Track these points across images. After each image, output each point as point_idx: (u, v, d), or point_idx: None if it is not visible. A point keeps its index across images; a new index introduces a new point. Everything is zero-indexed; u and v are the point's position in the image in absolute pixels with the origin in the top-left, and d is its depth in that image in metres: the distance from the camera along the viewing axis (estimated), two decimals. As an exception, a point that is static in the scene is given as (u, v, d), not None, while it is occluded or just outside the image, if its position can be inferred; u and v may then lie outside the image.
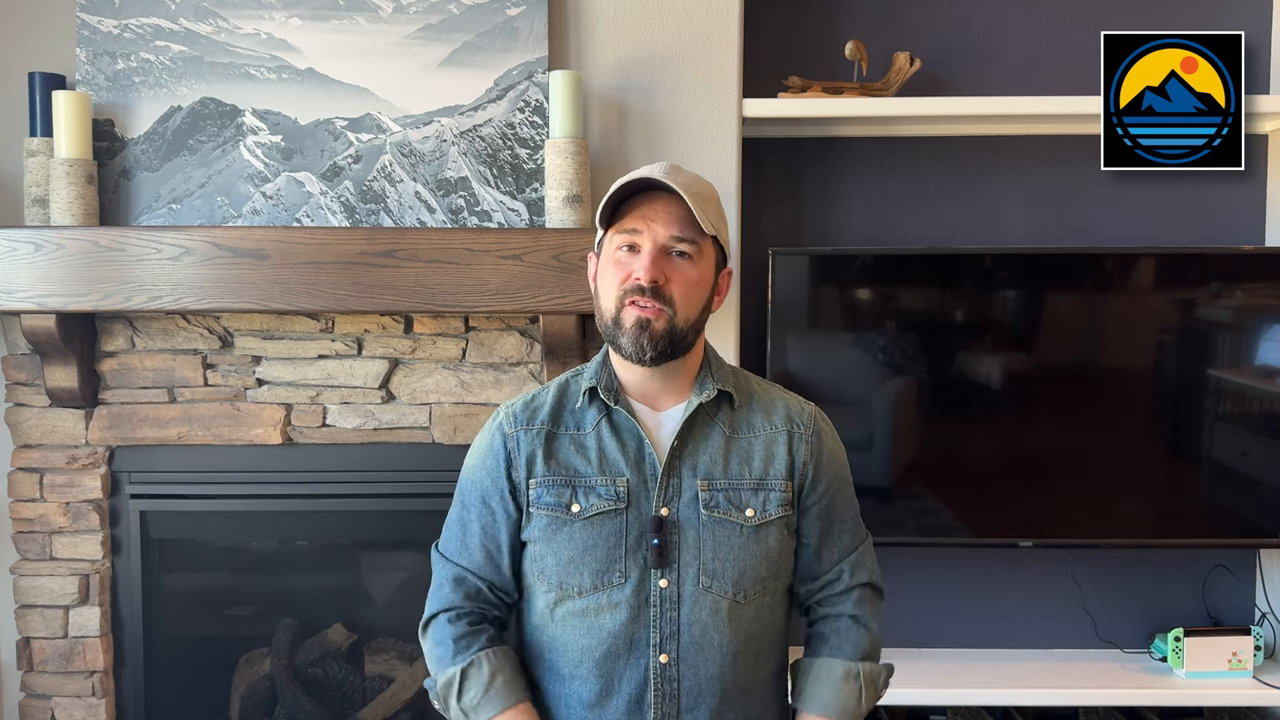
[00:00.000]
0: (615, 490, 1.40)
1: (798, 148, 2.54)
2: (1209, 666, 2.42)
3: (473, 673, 1.40)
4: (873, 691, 1.46)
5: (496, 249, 2.17)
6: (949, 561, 2.59)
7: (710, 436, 1.43)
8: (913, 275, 2.47)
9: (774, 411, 1.48)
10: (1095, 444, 2.44)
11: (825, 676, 1.46)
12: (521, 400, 1.49)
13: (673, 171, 1.39)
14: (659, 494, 1.40)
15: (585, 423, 1.44)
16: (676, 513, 1.40)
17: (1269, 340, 2.41)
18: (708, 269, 1.42)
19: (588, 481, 1.41)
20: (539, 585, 1.43)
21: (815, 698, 1.45)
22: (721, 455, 1.42)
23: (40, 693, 2.39)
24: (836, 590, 1.49)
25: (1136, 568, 2.59)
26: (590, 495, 1.40)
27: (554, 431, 1.44)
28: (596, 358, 1.48)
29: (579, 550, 1.39)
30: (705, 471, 1.41)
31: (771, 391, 1.52)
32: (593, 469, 1.41)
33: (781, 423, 1.47)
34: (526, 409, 1.47)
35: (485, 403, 2.36)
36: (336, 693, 2.54)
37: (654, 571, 1.38)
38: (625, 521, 1.39)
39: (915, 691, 2.37)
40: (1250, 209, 2.53)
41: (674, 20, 2.30)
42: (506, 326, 2.36)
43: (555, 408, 1.46)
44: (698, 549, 1.39)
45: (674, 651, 1.38)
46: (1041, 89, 2.46)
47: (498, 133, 2.29)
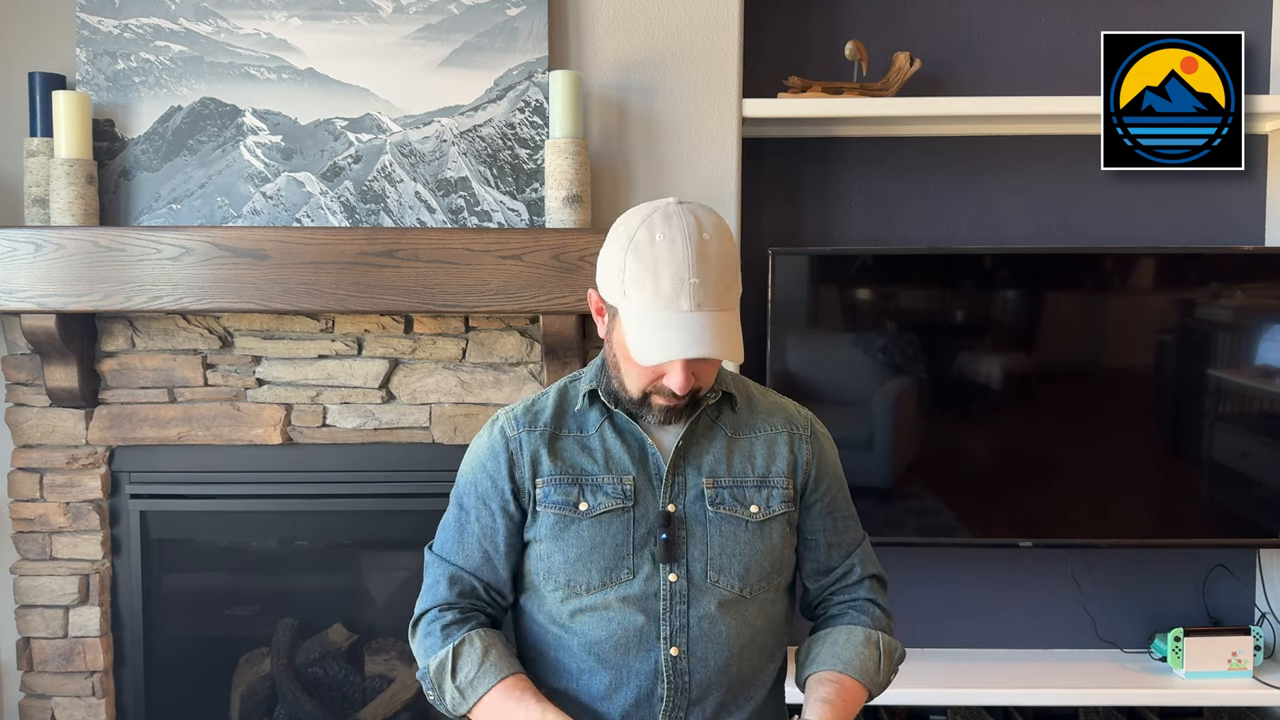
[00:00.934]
0: (622, 488, 1.40)
1: (798, 148, 2.54)
2: (1209, 666, 2.42)
3: (465, 650, 1.39)
4: (889, 664, 1.46)
5: (496, 249, 2.17)
6: (949, 561, 2.59)
7: (713, 437, 1.44)
8: (913, 275, 2.47)
9: (773, 414, 1.50)
10: (1095, 444, 2.44)
11: (846, 640, 1.46)
12: (521, 405, 1.49)
13: (701, 290, 1.29)
14: (665, 491, 1.40)
15: (588, 425, 1.44)
16: (683, 509, 1.41)
17: (1269, 340, 2.42)
18: None
19: (594, 480, 1.41)
20: (546, 584, 1.43)
21: (834, 656, 1.44)
22: (725, 454, 1.44)
23: (40, 693, 2.39)
24: (850, 581, 1.52)
25: (1136, 568, 2.59)
26: (598, 493, 1.40)
27: (557, 434, 1.44)
28: (595, 361, 1.48)
29: (587, 548, 1.39)
30: (710, 470, 1.42)
31: (769, 396, 1.54)
32: (599, 468, 1.42)
33: (781, 424, 1.48)
34: (528, 412, 1.46)
35: (485, 403, 2.36)
36: (336, 693, 2.54)
37: (663, 566, 1.39)
38: (632, 519, 1.40)
39: (915, 691, 2.37)
40: (1250, 209, 2.53)
41: (674, 20, 2.30)
42: (506, 326, 2.36)
43: (556, 412, 1.46)
44: (705, 544, 1.40)
45: (684, 644, 1.39)
46: (1041, 89, 2.46)
47: (498, 133, 2.29)
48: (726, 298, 1.32)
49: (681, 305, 1.29)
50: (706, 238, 1.30)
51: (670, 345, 1.29)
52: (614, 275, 1.33)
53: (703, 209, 1.35)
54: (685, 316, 1.29)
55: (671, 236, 1.30)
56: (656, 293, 1.29)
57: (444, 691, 1.40)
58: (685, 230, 1.30)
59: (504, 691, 1.38)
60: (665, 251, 1.29)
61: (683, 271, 1.28)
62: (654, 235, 1.30)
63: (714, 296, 1.30)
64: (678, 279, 1.28)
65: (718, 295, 1.30)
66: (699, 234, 1.30)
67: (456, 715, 1.42)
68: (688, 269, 1.28)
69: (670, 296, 1.29)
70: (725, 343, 1.30)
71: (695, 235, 1.30)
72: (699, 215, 1.33)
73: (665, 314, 1.29)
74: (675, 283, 1.28)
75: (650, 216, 1.32)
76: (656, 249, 1.30)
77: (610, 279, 1.35)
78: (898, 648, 1.48)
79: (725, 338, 1.30)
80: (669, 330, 1.29)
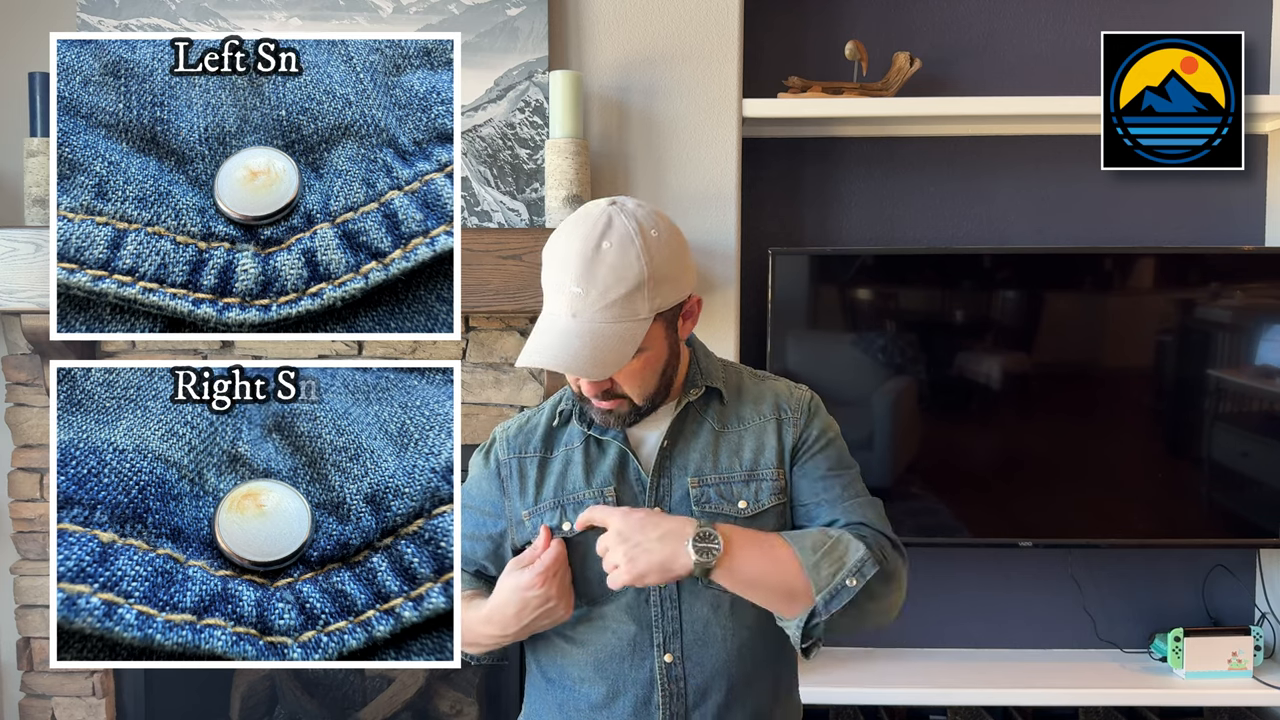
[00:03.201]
0: (604, 500, 1.39)
1: (798, 148, 2.54)
2: (1209, 666, 2.42)
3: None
4: (838, 556, 1.28)
5: (496, 249, 2.17)
6: (949, 561, 2.59)
7: (699, 434, 1.42)
8: (913, 275, 2.47)
9: (762, 401, 1.45)
10: (1095, 444, 2.44)
11: (802, 531, 1.35)
12: (515, 424, 1.48)
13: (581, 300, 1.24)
14: (650, 496, 1.39)
15: (572, 439, 1.44)
16: (669, 511, 1.39)
17: (1269, 340, 2.42)
18: (656, 341, 1.32)
19: (576, 497, 1.40)
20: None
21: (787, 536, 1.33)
22: (711, 451, 1.41)
23: (40, 693, 2.40)
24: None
25: (1136, 568, 2.59)
26: (580, 509, 1.39)
27: (547, 456, 1.44)
28: None
29: (578, 565, 1.39)
30: (695, 469, 1.40)
31: (763, 382, 1.48)
32: (579, 484, 1.41)
33: (770, 411, 1.44)
34: (520, 433, 1.46)
35: (485, 403, 2.36)
36: (336, 692, 2.54)
37: None
38: None
39: (915, 691, 2.37)
40: (1250, 209, 2.53)
41: (674, 20, 2.30)
42: (506, 326, 2.36)
43: (547, 431, 1.46)
44: None
45: (678, 650, 1.38)
46: (1041, 89, 2.46)
47: (498, 133, 2.30)
48: (613, 310, 1.25)
49: (558, 311, 1.27)
50: (606, 246, 1.26)
51: (540, 351, 1.26)
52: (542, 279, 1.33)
53: (644, 211, 1.30)
54: (563, 323, 1.27)
55: (569, 242, 1.27)
56: (548, 295, 1.29)
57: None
58: (586, 236, 1.26)
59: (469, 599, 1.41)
60: (561, 254, 1.28)
61: (565, 279, 1.26)
62: (559, 237, 1.29)
63: (595, 307, 1.25)
64: (559, 286, 1.27)
65: (602, 307, 1.25)
66: (599, 241, 1.26)
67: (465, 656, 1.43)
68: (569, 277, 1.26)
69: (553, 301, 1.28)
70: (590, 358, 1.25)
71: (594, 242, 1.26)
72: (616, 221, 1.27)
73: (547, 319, 1.29)
74: (557, 289, 1.27)
75: (572, 216, 1.31)
76: (554, 251, 1.29)
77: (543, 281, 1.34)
78: (862, 551, 1.28)
79: (593, 352, 1.25)
80: (544, 335, 1.27)
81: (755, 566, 1.27)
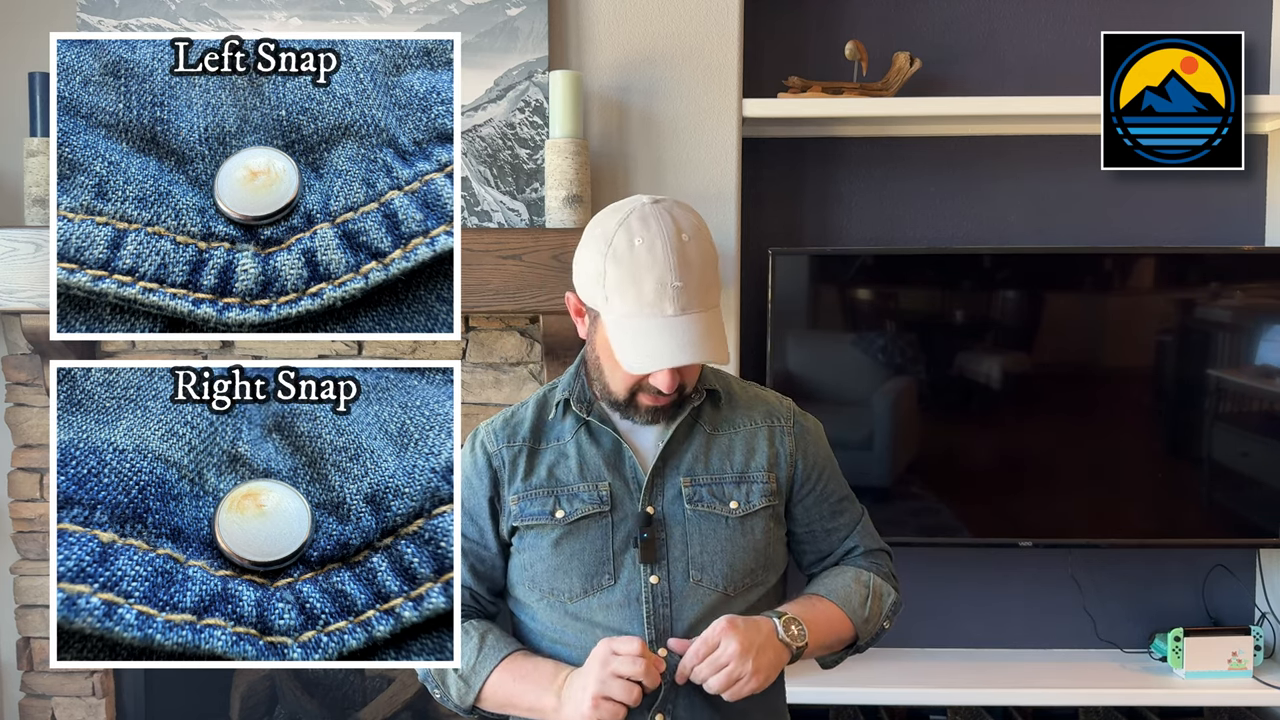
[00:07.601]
0: (598, 494, 1.40)
1: (798, 148, 2.54)
2: (1209, 666, 2.42)
3: (461, 638, 1.40)
4: (878, 606, 1.46)
5: (496, 249, 2.17)
6: (949, 561, 2.59)
7: (692, 436, 1.44)
8: (913, 275, 2.47)
9: (753, 408, 1.49)
10: (1095, 444, 2.44)
11: (834, 575, 1.49)
12: (500, 418, 1.49)
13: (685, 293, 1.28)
14: (643, 494, 1.40)
15: (564, 434, 1.45)
16: (661, 510, 1.40)
17: (1269, 340, 2.42)
18: None
19: (570, 489, 1.41)
20: (530, 593, 1.43)
21: (819, 584, 1.49)
22: (703, 452, 1.43)
23: (40, 693, 2.40)
24: (854, 556, 1.54)
25: (1136, 568, 2.59)
26: (574, 501, 1.40)
27: (536, 447, 1.45)
28: (570, 368, 1.48)
29: (566, 555, 1.39)
30: (688, 469, 1.42)
31: (749, 390, 1.53)
32: (574, 476, 1.42)
33: (761, 418, 1.48)
34: (506, 426, 1.47)
35: (485, 403, 2.36)
36: (336, 693, 2.54)
37: (643, 568, 1.38)
38: (610, 523, 1.40)
39: (915, 691, 2.38)
40: (1250, 209, 2.53)
41: (674, 20, 2.30)
42: (506, 326, 2.36)
43: (535, 424, 1.46)
44: (685, 544, 1.39)
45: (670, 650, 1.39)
46: (1041, 89, 2.46)
47: (498, 133, 2.30)
48: (708, 297, 1.31)
49: (666, 310, 1.28)
50: (685, 239, 1.29)
51: (659, 354, 1.28)
52: (593, 281, 1.32)
53: (679, 207, 1.34)
54: (671, 321, 1.28)
55: (650, 241, 1.29)
56: (640, 299, 1.28)
57: (448, 685, 1.40)
58: (664, 233, 1.29)
59: (510, 666, 1.38)
60: (645, 256, 1.28)
61: (665, 276, 1.27)
62: (633, 240, 1.29)
63: (698, 298, 1.29)
64: (660, 284, 1.28)
65: (701, 296, 1.29)
66: (678, 235, 1.29)
67: (465, 708, 1.41)
68: (670, 273, 1.27)
69: (654, 302, 1.28)
70: (711, 346, 1.29)
71: (674, 237, 1.29)
72: (676, 215, 1.32)
73: (651, 320, 1.29)
74: (658, 288, 1.28)
75: (627, 220, 1.31)
76: (636, 254, 1.29)
77: (589, 284, 1.34)
78: (890, 593, 1.49)
79: (711, 340, 1.29)
80: (655, 337, 1.28)
81: (824, 639, 1.42)
